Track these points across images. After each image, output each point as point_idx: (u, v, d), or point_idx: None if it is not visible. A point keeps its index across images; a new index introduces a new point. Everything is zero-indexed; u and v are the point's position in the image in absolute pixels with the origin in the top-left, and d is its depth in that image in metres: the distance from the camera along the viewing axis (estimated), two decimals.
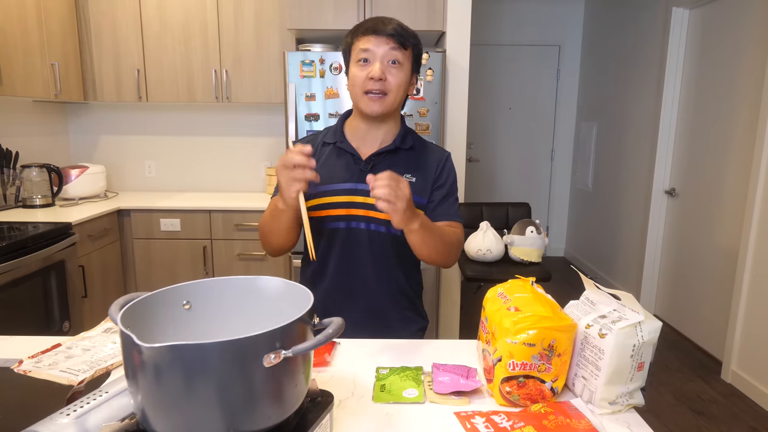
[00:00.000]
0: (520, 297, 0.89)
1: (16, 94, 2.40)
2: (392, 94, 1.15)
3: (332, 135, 1.26)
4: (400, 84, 1.15)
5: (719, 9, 2.97)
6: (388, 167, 1.18)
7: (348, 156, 1.23)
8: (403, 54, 1.15)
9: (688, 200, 3.26)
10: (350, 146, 1.22)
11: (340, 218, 1.22)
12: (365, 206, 1.20)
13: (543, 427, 0.74)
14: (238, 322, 0.76)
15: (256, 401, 0.60)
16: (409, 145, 1.24)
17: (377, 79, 1.12)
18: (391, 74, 1.14)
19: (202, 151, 3.37)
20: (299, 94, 2.57)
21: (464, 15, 2.69)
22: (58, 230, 2.25)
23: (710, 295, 3.01)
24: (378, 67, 1.12)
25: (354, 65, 1.17)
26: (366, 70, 1.14)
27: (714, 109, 3.00)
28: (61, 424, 0.62)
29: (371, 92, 1.14)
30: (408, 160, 1.23)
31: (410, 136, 1.26)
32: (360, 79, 1.14)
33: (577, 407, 0.81)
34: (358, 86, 1.15)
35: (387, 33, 1.13)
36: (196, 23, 2.92)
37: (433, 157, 1.26)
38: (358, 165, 1.21)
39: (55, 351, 0.95)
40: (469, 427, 0.75)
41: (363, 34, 1.15)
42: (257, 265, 2.85)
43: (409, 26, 1.19)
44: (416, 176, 1.22)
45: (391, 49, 1.13)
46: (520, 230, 2.92)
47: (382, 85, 1.13)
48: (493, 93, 4.97)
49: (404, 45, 1.14)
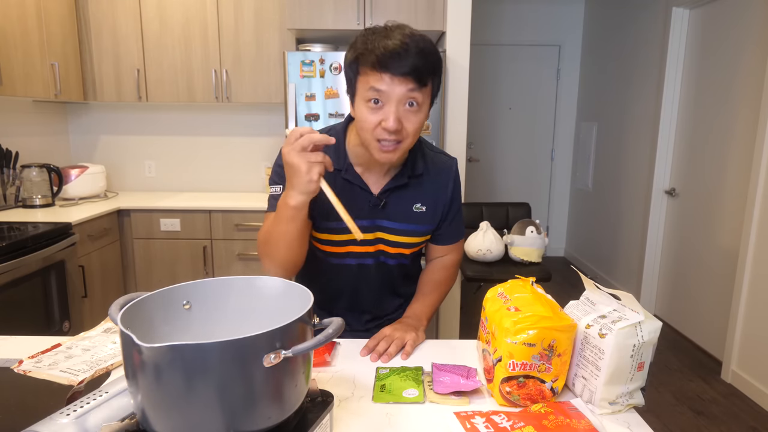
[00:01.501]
0: (520, 297, 0.89)
1: (16, 94, 2.40)
2: (408, 140, 0.99)
3: (335, 159, 1.07)
4: (418, 128, 0.99)
5: (719, 9, 2.97)
6: (401, 202, 1.13)
7: (355, 188, 1.10)
8: (422, 92, 0.96)
9: (688, 200, 3.26)
10: (359, 178, 1.09)
11: (348, 255, 1.15)
12: (375, 242, 1.15)
13: (543, 427, 0.74)
14: (238, 322, 0.76)
15: (256, 401, 0.60)
16: (420, 172, 1.12)
17: (393, 130, 0.95)
18: (408, 120, 0.96)
19: (202, 151, 3.37)
20: (299, 94, 2.57)
21: (464, 15, 2.69)
22: (58, 230, 2.25)
23: (710, 295, 3.01)
24: (393, 116, 0.94)
25: (362, 104, 0.97)
26: (377, 115, 0.95)
27: (714, 109, 3.00)
28: (61, 424, 0.62)
29: (385, 142, 0.97)
30: (418, 189, 1.13)
31: (420, 160, 1.13)
32: (370, 125, 0.96)
33: (577, 407, 0.81)
34: (368, 132, 0.97)
35: (404, 72, 0.92)
36: (196, 23, 2.92)
37: (442, 179, 1.16)
38: (369, 199, 1.10)
39: (55, 351, 0.95)
40: (469, 427, 0.75)
41: (373, 69, 0.93)
42: (257, 265, 2.85)
43: None
44: (426, 205, 1.14)
45: (409, 91, 0.94)
46: (520, 230, 2.92)
47: (398, 134, 0.96)
48: (493, 93, 4.97)
49: (425, 82, 0.95)
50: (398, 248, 1.16)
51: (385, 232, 1.14)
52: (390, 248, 1.16)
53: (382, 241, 1.15)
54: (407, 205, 1.14)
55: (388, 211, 1.12)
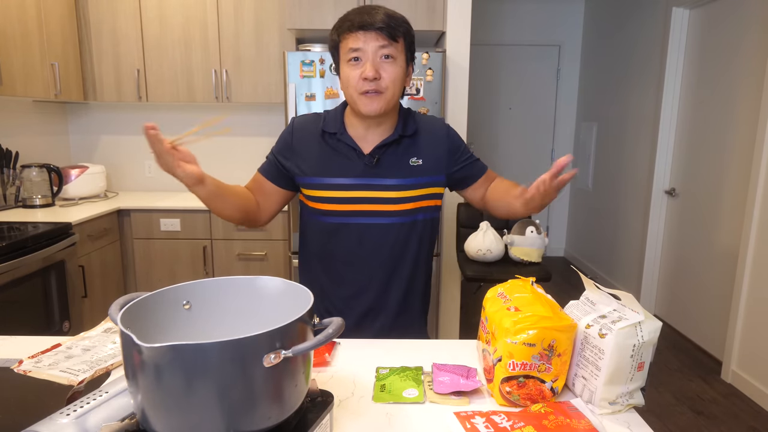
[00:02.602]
0: (520, 297, 0.89)
1: (16, 94, 2.40)
2: (389, 91, 1.12)
3: (332, 124, 1.21)
4: (396, 78, 1.12)
5: (719, 9, 2.97)
6: (393, 158, 1.19)
7: (348, 149, 1.19)
8: (395, 47, 1.10)
9: (688, 200, 3.26)
10: (351, 140, 1.19)
11: (344, 213, 1.19)
12: (372, 200, 1.18)
13: (543, 427, 0.74)
14: (238, 322, 0.76)
15: (256, 401, 0.60)
16: (412, 131, 1.21)
17: (371, 78, 1.08)
18: (385, 71, 1.10)
19: (202, 151, 3.37)
20: (299, 94, 2.57)
21: (464, 15, 2.69)
22: (58, 230, 2.25)
23: (710, 295, 3.01)
24: (370, 65, 1.08)
25: (345, 65, 1.12)
26: (358, 69, 1.10)
27: (714, 109, 3.00)
28: (61, 424, 0.62)
29: (367, 92, 1.10)
30: (412, 146, 1.21)
31: (411, 120, 1.23)
32: (353, 80, 1.10)
33: (577, 407, 0.81)
34: (353, 87, 1.11)
35: (375, 27, 1.07)
36: (196, 23, 2.92)
37: (435, 134, 1.24)
38: (361, 159, 1.18)
39: (55, 351, 0.95)
40: (469, 427, 0.75)
41: (349, 31, 1.09)
42: (257, 265, 2.85)
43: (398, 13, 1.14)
44: (423, 158, 1.21)
45: (381, 46, 1.09)
46: (520, 230, 2.92)
47: (377, 84, 1.10)
48: (493, 93, 4.97)
49: (395, 37, 1.10)
50: (400, 204, 1.19)
51: (382, 190, 1.18)
52: (390, 206, 1.18)
53: (379, 200, 1.18)
54: (402, 159, 1.20)
55: (383, 169, 1.18)
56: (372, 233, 1.20)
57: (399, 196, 1.19)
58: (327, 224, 1.22)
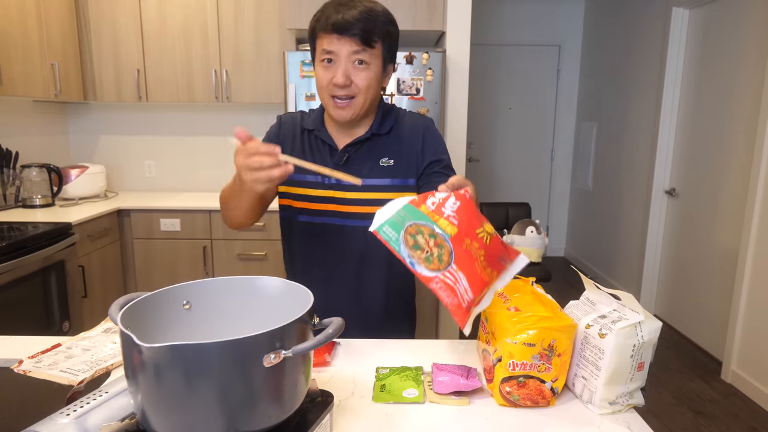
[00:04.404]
0: (520, 297, 0.89)
1: (16, 94, 2.40)
2: (361, 96, 1.07)
3: (312, 121, 1.18)
4: (369, 85, 1.07)
5: (719, 9, 2.97)
6: (366, 157, 1.15)
7: (324, 146, 1.16)
8: (369, 53, 1.05)
9: (688, 200, 3.26)
10: (329, 136, 1.15)
11: (313, 212, 1.16)
12: (342, 201, 1.14)
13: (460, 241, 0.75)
14: (238, 322, 0.76)
15: (256, 401, 0.60)
16: (386, 129, 1.16)
17: (341, 85, 1.04)
18: (357, 76, 1.05)
19: (202, 151, 3.37)
20: (299, 94, 2.57)
21: (464, 15, 2.69)
22: (58, 230, 2.25)
23: (710, 295, 3.01)
24: (341, 71, 1.04)
25: (318, 64, 1.08)
26: (329, 72, 1.05)
27: (714, 109, 3.00)
28: (61, 424, 0.62)
29: (337, 98, 1.06)
30: (385, 145, 1.16)
31: (389, 118, 1.17)
32: (324, 82, 1.06)
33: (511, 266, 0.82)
34: (324, 89, 1.07)
35: (350, 33, 1.02)
36: (196, 23, 2.92)
37: (412, 135, 1.17)
38: (332, 157, 1.15)
39: (55, 351, 0.95)
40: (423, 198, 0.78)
41: (324, 31, 1.05)
42: (257, 265, 2.85)
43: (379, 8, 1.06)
44: (395, 158, 1.15)
45: (354, 52, 1.04)
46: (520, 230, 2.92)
47: (348, 90, 1.06)
48: (493, 93, 4.97)
49: (370, 42, 1.04)
50: (368, 206, 1.13)
51: (350, 191, 1.13)
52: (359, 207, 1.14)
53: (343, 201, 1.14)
54: (373, 160, 1.15)
55: (351, 169, 1.13)
56: (337, 235, 1.16)
57: (363, 198, 1.13)
58: (300, 222, 1.19)
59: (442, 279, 0.77)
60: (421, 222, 0.77)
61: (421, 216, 0.78)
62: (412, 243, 0.77)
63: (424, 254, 0.77)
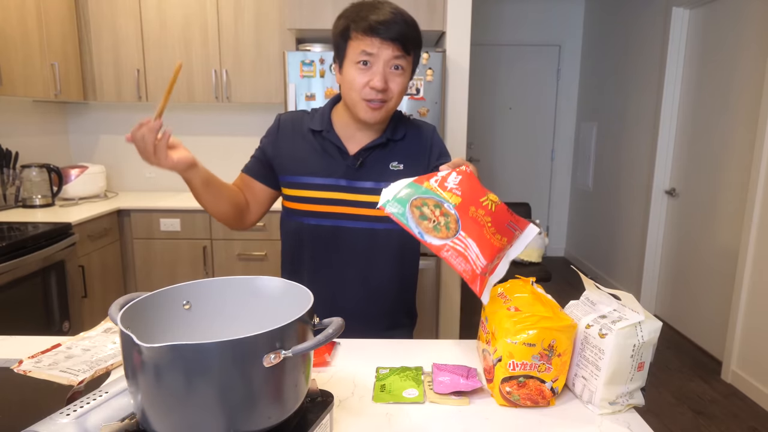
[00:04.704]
0: (520, 297, 0.89)
1: (16, 94, 2.40)
2: (393, 102, 1.10)
3: (319, 122, 1.17)
4: (401, 91, 1.10)
5: (719, 9, 2.97)
6: (378, 161, 1.17)
7: (334, 149, 1.16)
8: (406, 59, 1.08)
9: (688, 200, 3.26)
10: (337, 138, 1.15)
11: (323, 215, 1.17)
12: (354, 203, 1.15)
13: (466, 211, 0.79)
14: (238, 322, 0.76)
15: (256, 401, 0.60)
16: (400, 136, 1.18)
17: (380, 89, 1.05)
18: (393, 81, 1.07)
19: (202, 151, 3.37)
20: (299, 94, 2.57)
21: (464, 15, 2.69)
22: (58, 230, 2.25)
23: (710, 295, 3.01)
24: (380, 76, 1.05)
25: (352, 66, 1.07)
26: (366, 75, 1.06)
27: (714, 109, 3.00)
28: (61, 424, 0.62)
29: (372, 101, 1.07)
30: (397, 150, 1.18)
31: (401, 125, 1.20)
32: (359, 85, 1.06)
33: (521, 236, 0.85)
34: (356, 91, 1.07)
35: (392, 37, 1.03)
36: (195, 23, 2.92)
37: (421, 140, 1.20)
38: (345, 161, 1.15)
39: (55, 351, 0.95)
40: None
41: (364, 33, 1.04)
42: (257, 265, 2.85)
43: None
44: (404, 163, 1.17)
45: (395, 57, 1.05)
46: None
47: (384, 94, 1.07)
48: (493, 93, 4.97)
49: (409, 50, 1.07)
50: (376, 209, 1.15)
51: (362, 193, 1.15)
52: (369, 210, 1.16)
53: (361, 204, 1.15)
54: (385, 164, 1.17)
55: (366, 172, 1.16)
56: (344, 237, 1.17)
57: (372, 201, 1.14)
58: (305, 225, 1.19)
59: (452, 246, 0.79)
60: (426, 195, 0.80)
61: (425, 191, 0.81)
62: (418, 214, 0.80)
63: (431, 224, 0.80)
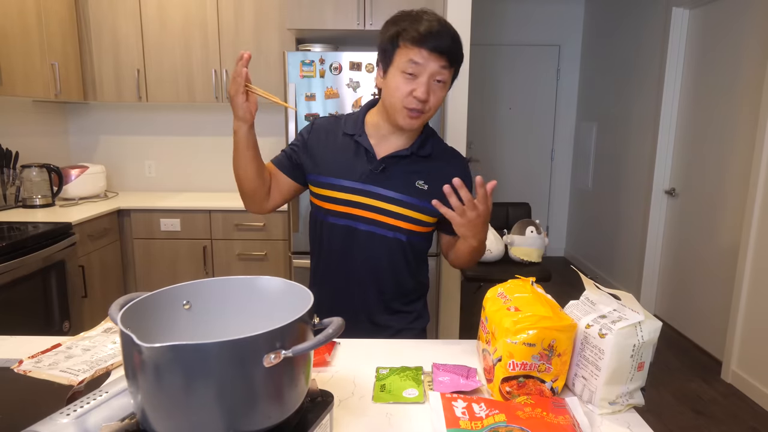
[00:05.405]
0: (520, 297, 0.89)
1: (16, 94, 2.40)
2: (431, 113, 1.13)
3: (352, 126, 1.22)
4: (440, 103, 1.13)
5: (719, 9, 2.97)
6: (401, 173, 1.19)
7: (362, 152, 1.20)
8: (449, 73, 1.11)
9: (688, 200, 3.26)
10: (368, 142, 1.19)
11: (340, 215, 1.20)
12: (369, 208, 1.18)
13: (516, 417, 0.74)
14: (238, 322, 0.76)
15: (256, 401, 0.60)
16: (426, 153, 1.21)
17: (422, 100, 1.08)
18: (434, 94, 1.10)
19: (202, 151, 3.37)
20: (299, 94, 2.56)
21: (464, 15, 2.69)
22: (58, 230, 2.25)
23: (710, 295, 3.01)
24: (424, 88, 1.08)
25: (398, 73, 1.09)
26: (411, 84, 1.08)
27: (714, 109, 3.00)
28: (61, 424, 0.62)
29: (412, 110, 1.10)
30: (423, 168, 1.20)
31: (430, 142, 1.22)
32: (402, 93, 1.09)
33: (567, 404, 0.80)
34: (398, 99, 1.10)
35: (440, 50, 1.06)
36: (196, 23, 2.92)
37: (451, 165, 1.23)
38: (370, 164, 1.18)
39: (55, 351, 0.95)
40: (449, 408, 0.76)
41: (414, 44, 1.06)
42: (257, 265, 2.85)
43: None
44: (430, 184, 1.19)
45: (441, 68, 1.08)
46: (520, 230, 2.92)
47: (424, 105, 1.10)
48: (493, 93, 4.97)
49: (452, 64, 1.10)
50: (396, 219, 1.19)
51: (381, 200, 1.18)
52: (386, 218, 1.18)
53: (377, 209, 1.18)
54: (409, 178, 1.19)
55: (387, 179, 1.18)
56: (360, 239, 1.20)
57: (394, 211, 1.18)
58: (329, 224, 1.23)
59: None
60: None
61: None
62: None
63: None
